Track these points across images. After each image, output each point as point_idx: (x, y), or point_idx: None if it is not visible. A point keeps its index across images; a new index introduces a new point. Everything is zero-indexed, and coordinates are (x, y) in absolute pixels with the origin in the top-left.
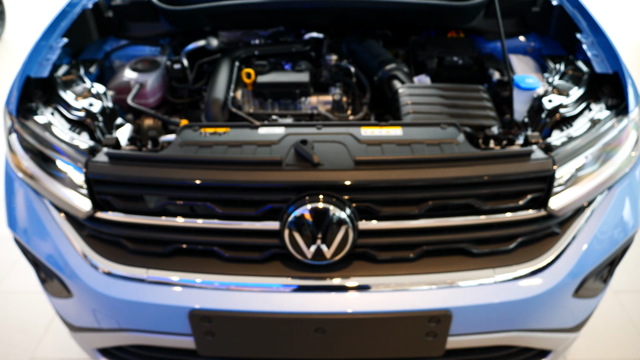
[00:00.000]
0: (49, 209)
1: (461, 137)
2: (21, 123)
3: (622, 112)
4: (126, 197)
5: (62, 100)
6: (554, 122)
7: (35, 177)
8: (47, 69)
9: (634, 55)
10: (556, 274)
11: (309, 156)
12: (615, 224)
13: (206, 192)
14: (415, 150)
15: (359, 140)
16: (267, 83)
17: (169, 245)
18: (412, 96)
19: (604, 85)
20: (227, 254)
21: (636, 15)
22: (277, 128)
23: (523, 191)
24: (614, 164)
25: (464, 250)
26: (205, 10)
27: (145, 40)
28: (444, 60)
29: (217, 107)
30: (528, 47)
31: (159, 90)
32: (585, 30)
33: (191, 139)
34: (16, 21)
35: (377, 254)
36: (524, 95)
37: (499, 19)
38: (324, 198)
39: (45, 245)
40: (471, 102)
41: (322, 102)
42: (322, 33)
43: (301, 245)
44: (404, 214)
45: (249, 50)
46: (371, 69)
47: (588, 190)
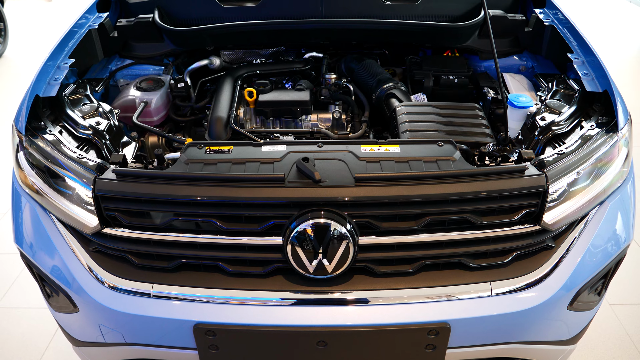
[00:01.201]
0: (56, 224)
1: (457, 154)
2: (30, 141)
3: (613, 129)
4: (133, 213)
5: (70, 119)
6: (546, 139)
7: (43, 193)
8: (55, 88)
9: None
10: (551, 286)
11: (310, 173)
12: (608, 237)
13: (211, 208)
14: (413, 167)
15: (358, 157)
16: (269, 101)
17: (174, 260)
18: (410, 114)
19: (595, 103)
20: (231, 268)
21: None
22: (279, 146)
23: (518, 206)
24: (605, 179)
25: (461, 264)
26: (208, 31)
27: (149, 59)
28: (440, 79)
29: (220, 125)
30: (521, 66)
31: (163, 109)
32: (576, 50)
33: (196, 157)
34: (18, 38)
35: (377, 268)
36: (518, 113)
37: (492, 40)
38: (326, 214)
39: (52, 260)
40: (467, 119)
41: (322, 120)
42: (322, 52)
43: (303, 260)
44: (402, 229)
45: (250, 69)
46: (369, 88)
47: (581, 205)
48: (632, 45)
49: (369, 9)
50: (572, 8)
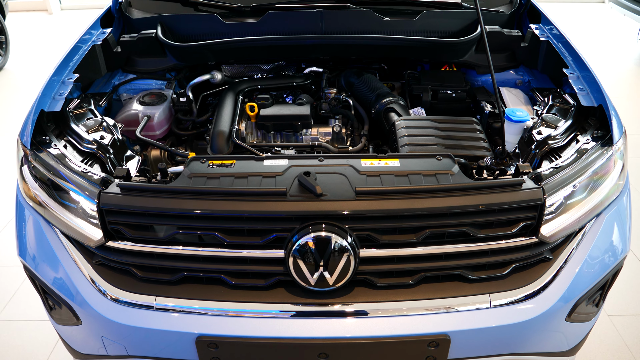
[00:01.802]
0: (59, 237)
1: (456, 167)
2: (35, 155)
3: (608, 142)
4: (137, 226)
5: (75, 133)
6: (543, 152)
7: (47, 206)
8: (60, 103)
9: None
10: (549, 298)
11: (312, 187)
12: (605, 249)
13: (214, 222)
14: (413, 180)
15: (359, 171)
16: (270, 116)
17: (177, 273)
18: (409, 128)
19: (590, 117)
20: (234, 281)
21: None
22: (281, 160)
23: (515, 219)
24: (601, 192)
25: (460, 276)
26: (210, 47)
27: (152, 74)
28: (438, 93)
29: (222, 139)
30: (518, 80)
31: (165, 123)
32: (571, 65)
33: (199, 171)
34: (18, 51)
35: (377, 280)
36: (515, 127)
37: (488, 55)
38: (327, 227)
39: (55, 273)
40: (465, 133)
41: (323, 134)
42: (322, 67)
43: (305, 273)
44: (402, 242)
45: (252, 84)
46: (369, 102)
47: (578, 218)
48: (628, 58)
49: (368, 25)
50: (567, 22)
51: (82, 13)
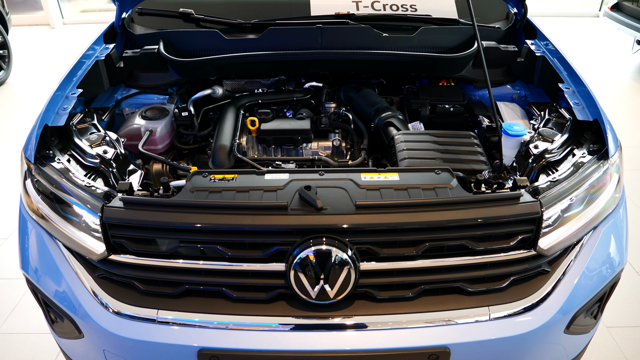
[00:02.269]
0: (62, 251)
1: (454, 181)
2: (38, 169)
3: (604, 156)
4: (140, 240)
5: (78, 148)
6: (540, 166)
7: (50, 220)
8: (64, 118)
9: (624, 92)
10: (547, 310)
11: (313, 201)
12: (603, 261)
13: (216, 235)
14: (412, 194)
15: (359, 185)
16: (271, 130)
17: (179, 286)
18: (408, 142)
19: (586, 132)
20: (235, 294)
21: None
22: (282, 174)
23: (513, 232)
24: (598, 205)
25: (460, 289)
26: (211, 62)
27: (154, 88)
28: (436, 108)
29: (223, 154)
30: (515, 95)
31: (167, 137)
32: (567, 80)
33: (201, 185)
34: (21, 65)
35: (377, 293)
36: (512, 142)
37: (485, 70)
38: (327, 240)
39: (58, 286)
40: (463, 147)
41: (323, 148)
42: (322, 82)
43: (306, 286)
44: (402, 255)
45: (253, 98)
46: (368, 116)
47: (575, 230)
48: (623, 71)
49: (367, 41)
50: (563, 36)
51: (84, 27)
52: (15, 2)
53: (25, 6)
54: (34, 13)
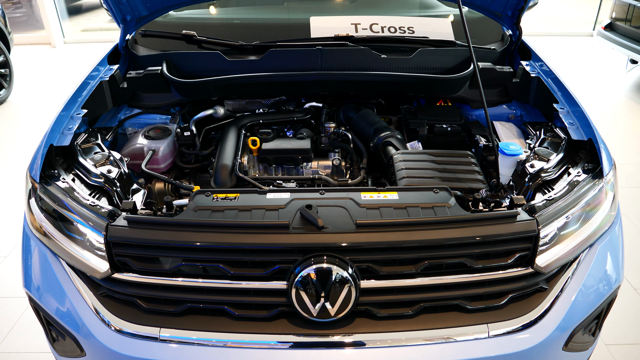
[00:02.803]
0: (65, 269)
1: (452, 200)
2: (43, 188)
3: (598, 175)
4: (143, 258)
5: (82, 167)
6: (536, 185)
7: (54, 238)
8: (69, 138)
9: (620, 110)
10: (546, 327)
11: (314, 220)
12: (600, 278)
13: (219, 254)
14: (411, 213)
15: (359, 204)
16: (272, 149)
17: (182, 304)
18: (406, 161)
19: (581, 151)
20: (237, 312)
21: (619, 72)
22: (283, 193)
23: (511, 250)
24: (594, 222)
25: (459, 306)
26: (213, 83)
27: (157, 108)
28: (434, 127)
29: (225, 173)
30: (511, 115)
31: (170, 156)
32: (561, 100)
33: (204, 204)
34: (21, 84)
35: (377, 311)
36: (509, 161)
37: (481, 91)
38: (328, 259)
39: (61, 304)
40: (461, 166)
41: (323, 167)
42: (321, 102)
43: (307, 304)
44: (402, 273)
45: (254, 118)
46: (367, 136)
47: (571, 248)
48: (618, 90)
49: (365, 62)
50: (557, 55)
51: (85, 47)
52: (17, 22)
53: (27, 25)
54: (36, 32)
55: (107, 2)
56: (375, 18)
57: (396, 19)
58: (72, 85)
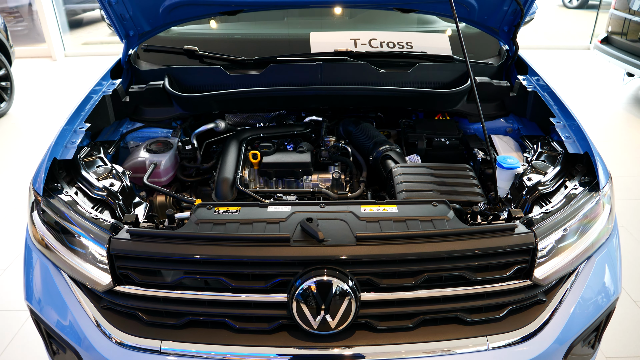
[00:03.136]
0: (67, 282)
1: (451, 213)
2: (46, 201)
3: (595, 188)
4: (145, 271)
5: (85, 180)
6: (534, 198)
7: (57, 251)
8: (72, 151)
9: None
10: (545, 340)
11: (314, 233)
12: (598, 290)
13: (220, 266)
14: (410, 226)
15: (359, 217)
16: (273, 163)
17: (183, 317)
18: (405, 175)
19: (577, 164)
20: (238, 325)
21: (616, 85)
22: (284, 206)
23: (509, 263)
24: (591, 235)
25: (458, 318)
26: (215, 97)
27: (158, 122)
28: (432, 141)
29: (226, 186)
30: (508, 128)
31: (171, 169)
32: (557, 114)
33: (206, 217)
34: (22, 96)
35: (378, 323)
36: (506, 174)
37: (479, 105)
38: (329, 271)
39: (62, 317)
40: (459, 179)
41: (323, 180)
42: (321, 116)
43: (308, 316)
44: (402, 286)
45: (254, 132)
46: (367, 149)
47: (569, 260)
48: (615, 102)
49: (365, 77)
50: (555, 68)
51: (86, 60)
52: (18, 35)
53: (28, 39)
54: (37, 45)
55: (111, 19)
56: (374, 33)
57: (395, 34)
58: (73, 98)
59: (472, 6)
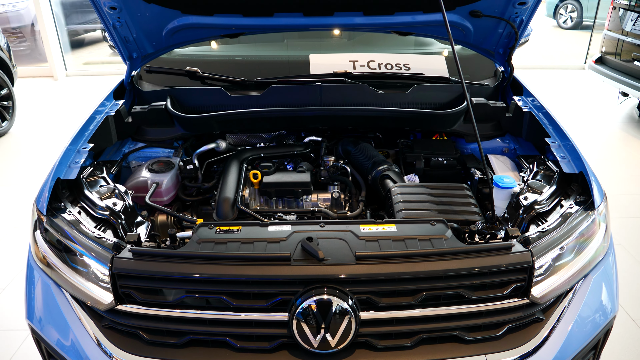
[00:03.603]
0: (69, 301)
1: (449, 232)
2: (50, 220)
3: (590, 207)
4: (147, 290)
5: (88, 200)
6: (530, 217)
7: (59, 270)
8: (75, 171)
9: (614, 142)
10: (543, 358)
11: (314, 252)
12: (595, 309)
13: (222, 285)
14: (409, 245)
15: (358, 236)
16: (273, 183)
17: (184, 336)
18: (404, 194)
19: (572, 184)
20: (239, 344)
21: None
22: (284, 226)
23: (507, 281)
24: (587, 253)
25: (457, 337)
26: (217, 118)
27: (160, 142)
28: (430, 161)
29: (227, 206)
30: (505, 148)
31: (172, 189)
32: (552, 134)
33: (207, 237)
34: (23, 116)
35: (377, 342)
36: (503, 193)
37: (475, 126)
38: (329, 290)
39: (63, 336)
40: (457, 199)
41: (322, 200)
42: (321, 136)
43: (308, 335)
44: (401, 304)
45: (255, 152)
46: (365, 169)
47: (566, 279)
48: (611, 121)
49: (363, 98)
50: (550, 87)
51: (87, 79)
52: (21, 55)
53: (30, 58)
54: (39, 65)
55: (115, 41)
56: (373, 55)
57: (392, 56)
58: (74, 117)
59: (467, 29)
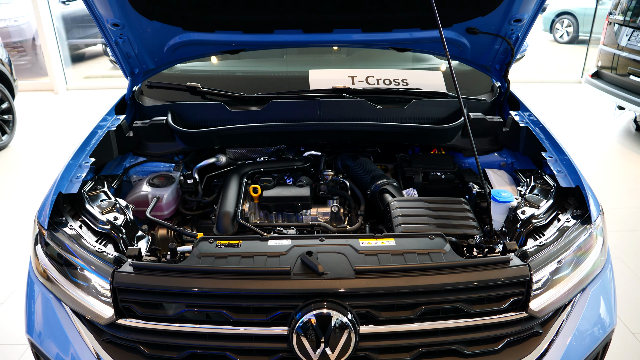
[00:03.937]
0: (69, 315)
1: (447, 246)
2: (51, 234)
3: (587, 220)
4: (148, 304)
5: (89, 214)
6: (528, 231)
7: (59, 284)
8: (77, 186)
9: (611, 155)
10: None
11: (314, 266)
12: (594, 322)
13: (222, 299)
14: (408, 259)
15: (357, 251)
16: (273, 197)
17: (184, 350)
18: (402, 208)
19: (569, 197)
20: (239, 358)
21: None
22: (284, 240)
23: (505, 295)
24: (585, 267)
25: (456, 351)
26: (217, 132)
27: (161, 157)
28: (428, 175)
29: (227, 220)
30: (502, 162)
31: (173, 203)
32: (549, 149)
33: (208, 251)
34: (23, 130)
35: (377, 356)
36: (501, 207)
37: (472, 140)
38: (328, 304)
39: (63, 351)
40: (455, 213)
41: (322, 214)
42: (320, 151)
43: (307, 349)
44: (400, 318)
45: (255, 167)
46: (364, 183)
47: (564, 292)
48: (608, 135)
49: (362, 113)
50: (547, 101)
51: (87, 93)
52: (22, 69)
53: (31, 72)
54: (39, 79)
55: (117, 57)
56: (371, 71)
57: (391, 71)
58: (74, 131)
59: (464, 46)
